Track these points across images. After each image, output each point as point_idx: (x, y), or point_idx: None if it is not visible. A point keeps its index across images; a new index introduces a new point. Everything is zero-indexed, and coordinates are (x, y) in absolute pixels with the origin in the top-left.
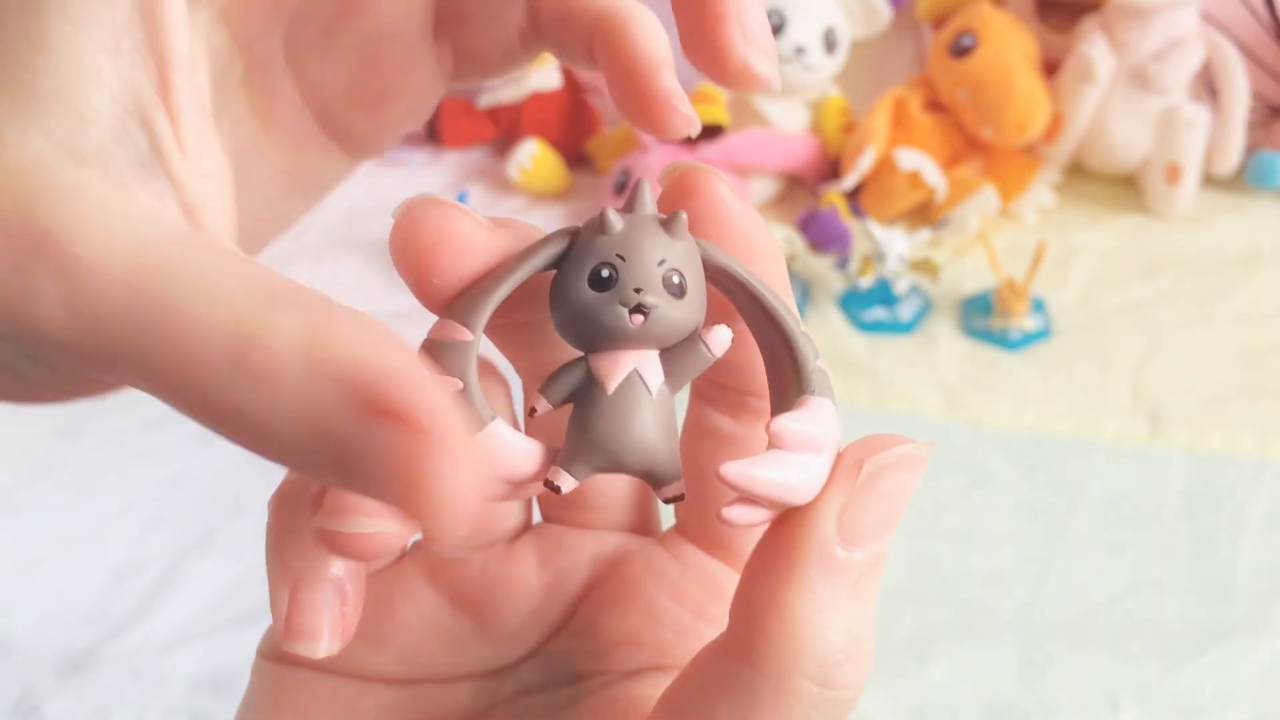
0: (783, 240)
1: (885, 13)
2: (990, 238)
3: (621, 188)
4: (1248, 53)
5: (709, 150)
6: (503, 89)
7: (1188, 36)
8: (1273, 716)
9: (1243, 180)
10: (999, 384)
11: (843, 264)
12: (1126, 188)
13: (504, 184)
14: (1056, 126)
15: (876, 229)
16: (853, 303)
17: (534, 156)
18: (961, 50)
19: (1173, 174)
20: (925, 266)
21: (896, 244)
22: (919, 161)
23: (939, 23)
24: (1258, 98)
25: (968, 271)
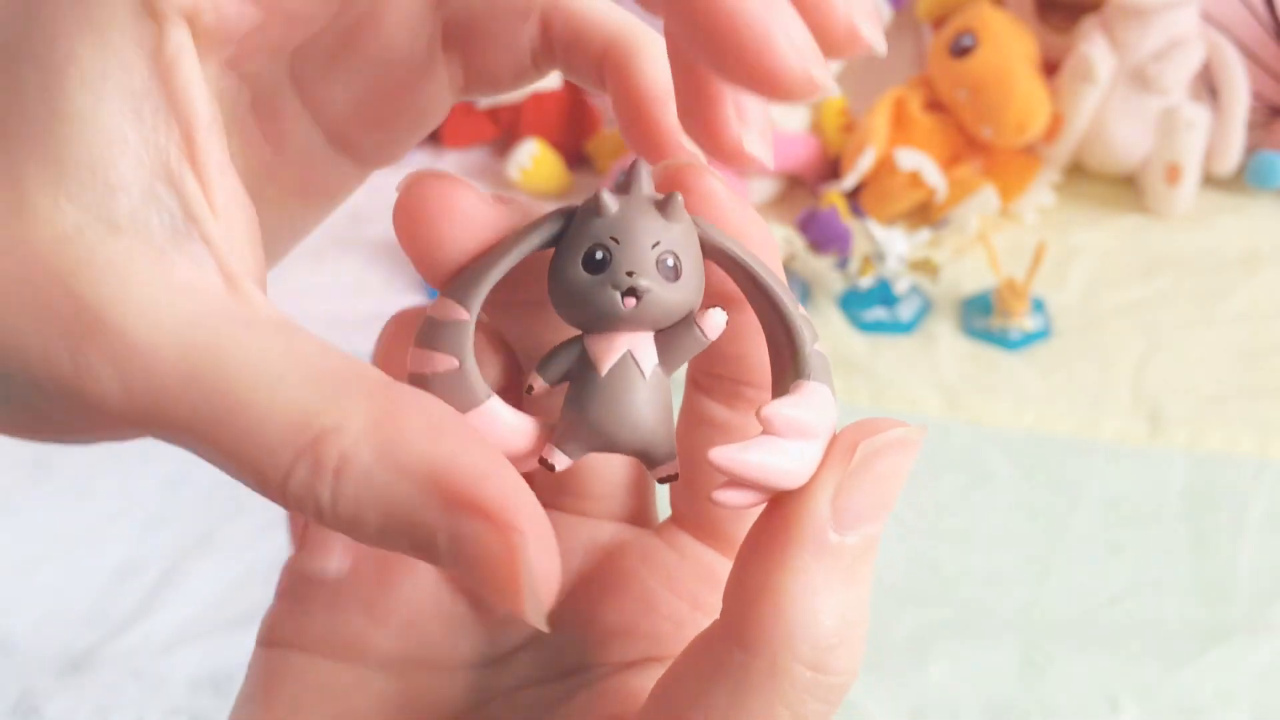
0: (783, 240)
1: (885, 13)
2: (990, 238)
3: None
4: (1248, 53)
5: None
6: None
7: (1188, 36)
8: (1273, 716)
9: (1243, 180)
10: (999, 384)
11: (843, 264)
12: (1126, 188)
13: (504, 184)
14: (1056, 126)
15: (876, 229)
16: (853, 303)
17: (534, 156)
18: (961, 50)
19: (1173, 174)
20: (925, 266)
21: (896, 244)
22: (919, 161)
23: (939, 23)
24: (1258, 98)
25: (968, 271)
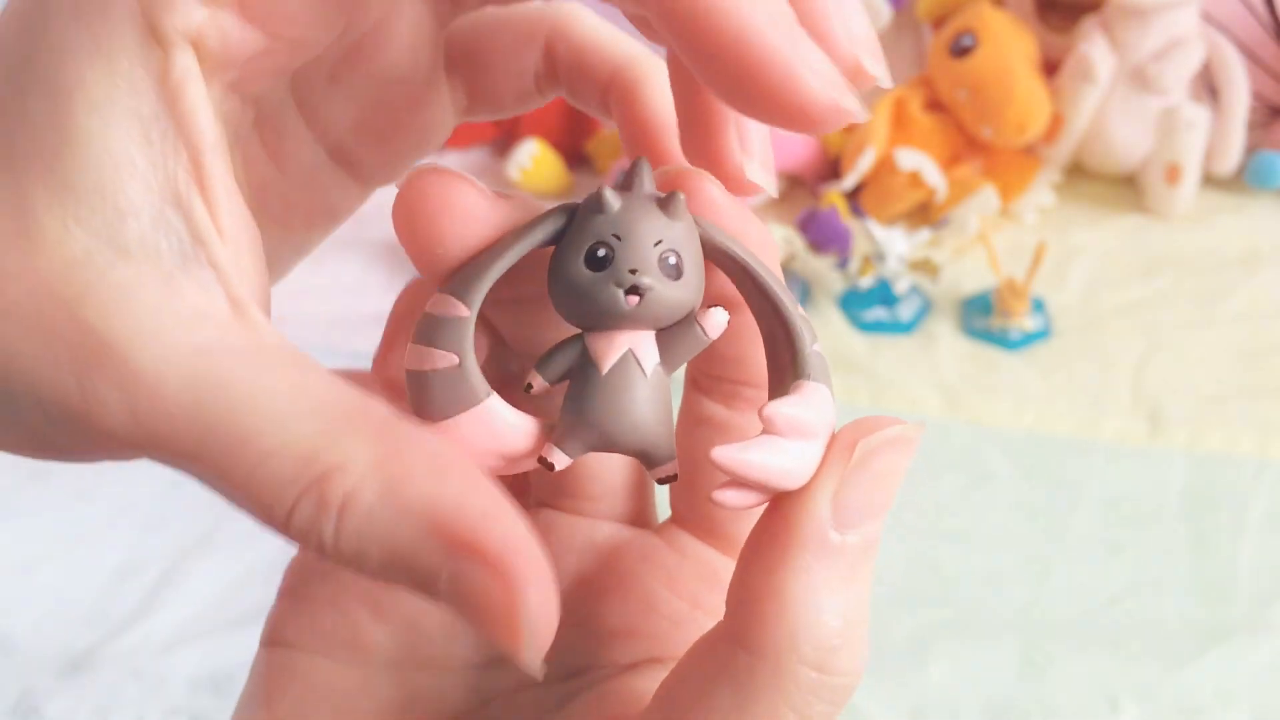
0: (782, 240)
1: (885, 13)
2: (990, 238)
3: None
4: (1248, 53)
5: None
6: None
7: (1188, 36)
8: (1273, 716)
9: (1243, 180)
10: (999, 384)
11: (843, 264)
12: (1126, 188)
13: (504, 184)
14: (1056, 126)
15: (876, 229)
16: (853, 303)
17: (534, 156)
18: (961, 50)
19: (1173, 174)
20: (925, 266)
21: (896, 244)
22: (919, 161)
23: (939, 23)
24: (1258, 98)
25: (968, 271)
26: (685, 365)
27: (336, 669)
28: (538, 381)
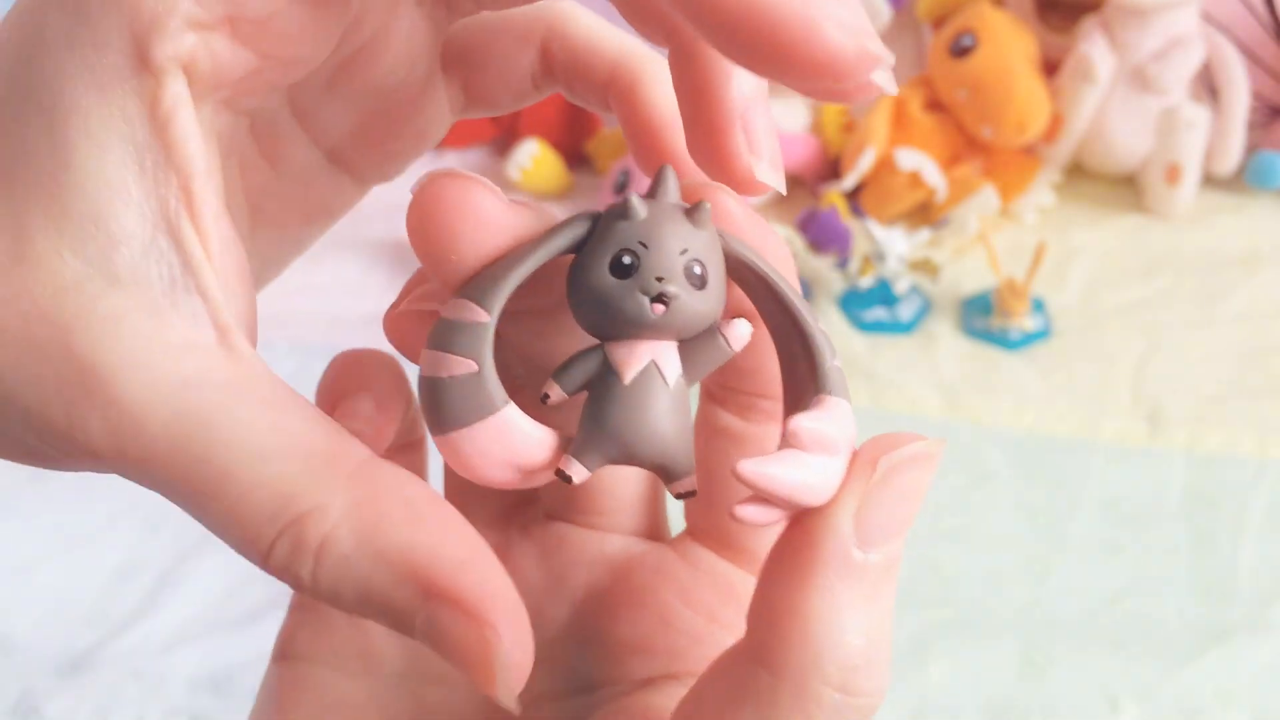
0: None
1: (885, 13)
2: (990, 238)
3: (621, 188)
4: (1248, 53)
5: None
6: None
7: (1188, 36)
8: (1273, 716)
9: (1243, 180)
10: (999, 384)
11: (843, 264)
12: (1126, 188)
13: (504, 184)
14: (1056, 126)
15: (876, 229)
16: (853, 303)
17: (534, 156)
18: (961, 50)
19: (1173, 174)
20: (925, 266)
21: (896, 244)
22: (919, 161)
23: (939, 23)
24: (1258, 98)
25: (968, 271)
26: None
27: (348, 682)
28: (555, 392)
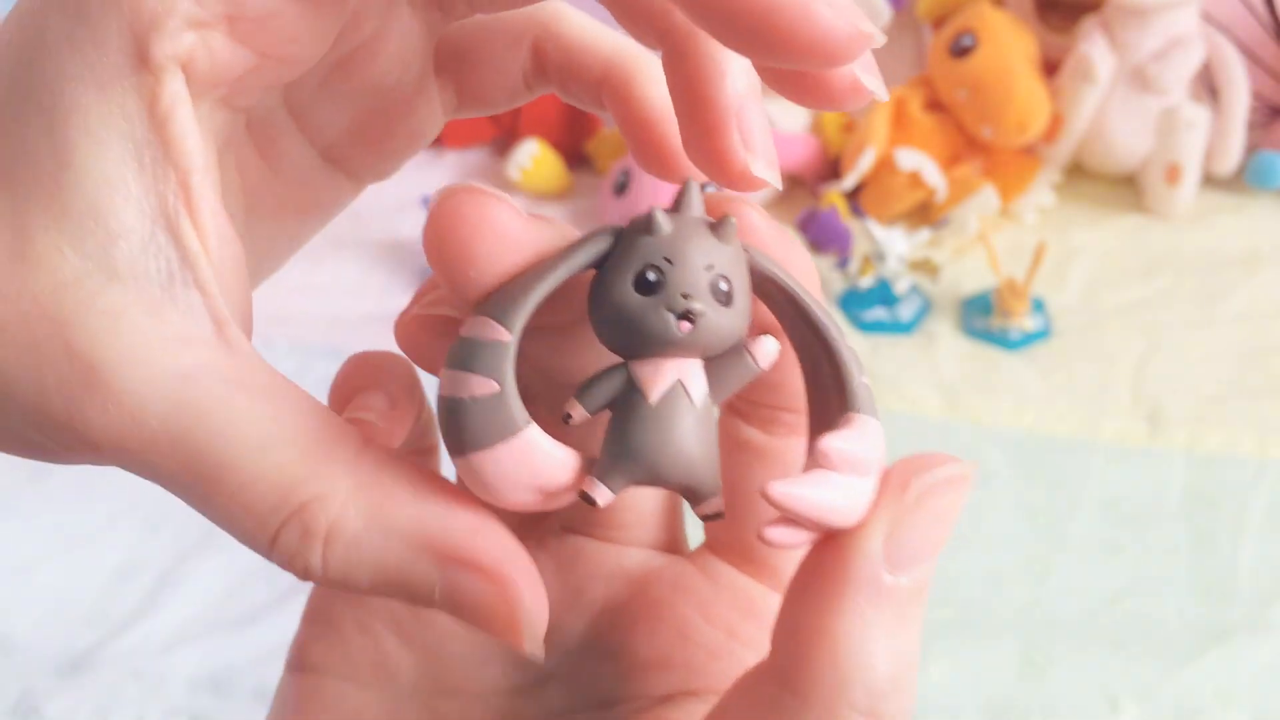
0: None
1: (885, 13)
2: (990, 238)
3: (622, 188)
4: (1248, 53)
5: None
6: None
7: (1188, 36)
8: (1273, 716)
9: (1243, 180)
10: (999, 384)
11: (843, 264)
12: (1126, 188)
13: (504, 184)
14: (1056, 126)
15: (876, 229)
16: (853, 303)
17: (534, 156)
18: (961, 50)
19: (1173, 174)
20: (925, 266)
21: (896, 244)
22: (919, 161)
23: (939, 23)
24: (1258, 98)
25: (968, 271)
26: None
27: (363, 695)
28: (578, 411)
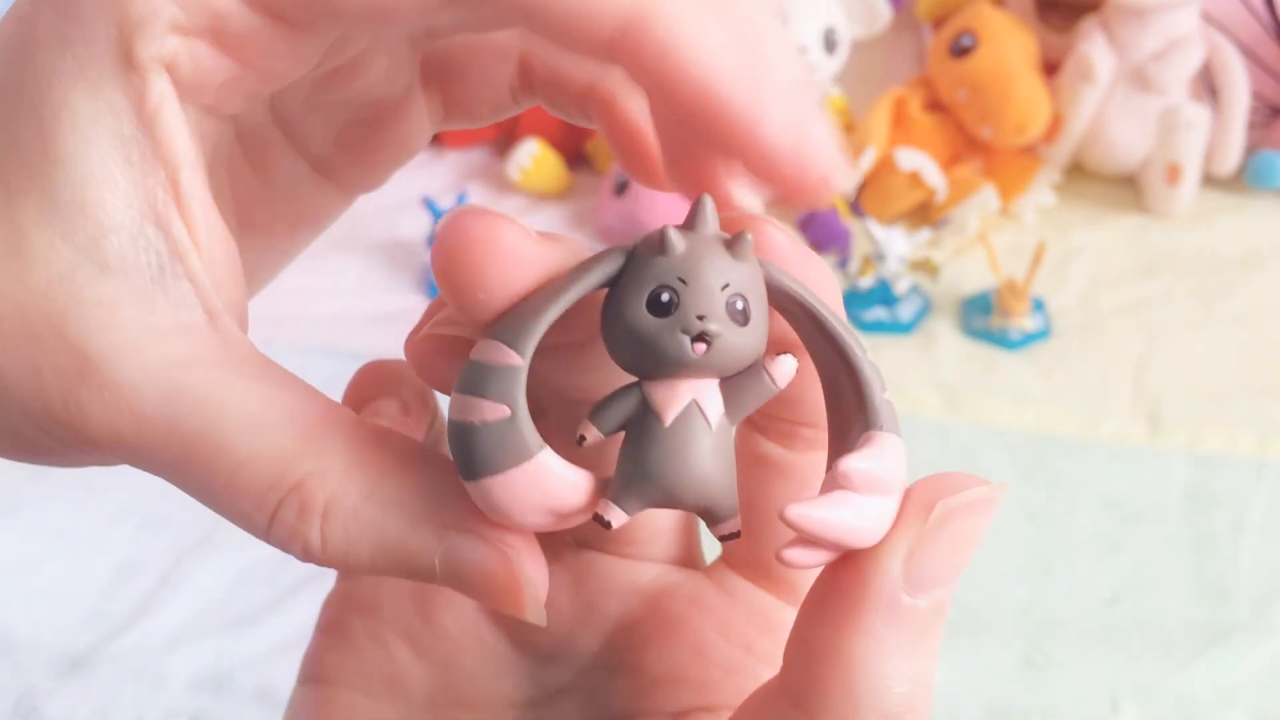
0: None
1: (885, 13)
2: (990, 238)
3: (622, 188)
4: (1248, 53)
5: None
6: None
7: (1188, 36)
8: (1273, 716)
9: (1243, 180)
10: (999, 384)
11: (843, 264)
12: (1126, 188)
13: (504, 184)
14: (1056, 126)
15: (876, 229)
16: (853, 303)
17: (534, 156)
18: (961, 50)
19: (1173, 174)
20: (925, 266)
21: (896, 244)
22: (919, 161)
23: (939, 23)
24: (1258, 98)
25: (968, 271)
26: None
27: (376, 707)
28: (591, 433)
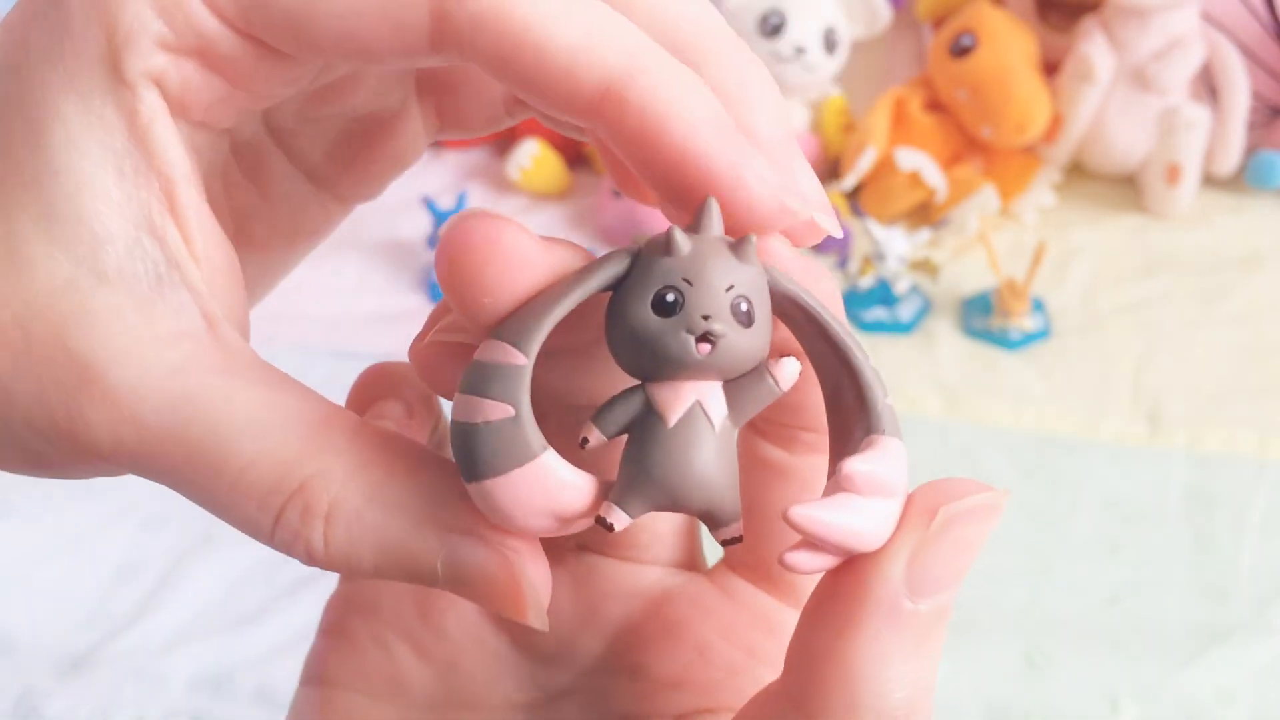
0: None
1: (885, 13)
2: (990, 238)
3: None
4: (1248, 53)
5: None
6: None
7: (1188, 36)
8: (1273, 716)
9: (1243, 180)
10: (999, 384)
11: (843, 264)
12: (1126, 188)
13: (504, 184)
14: (1056, 126)
15: (876, 229)
16: (853, 303)
17: (534, 156)
18: (961, 50)
19: (1173, 174)
20: (925, 266)
21: (896, 244)
22: (919, 161)
23: (939, 23)
24: (1258, 98)
25: (968, 271)
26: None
27: (378, 708)
28: (594, 435)
